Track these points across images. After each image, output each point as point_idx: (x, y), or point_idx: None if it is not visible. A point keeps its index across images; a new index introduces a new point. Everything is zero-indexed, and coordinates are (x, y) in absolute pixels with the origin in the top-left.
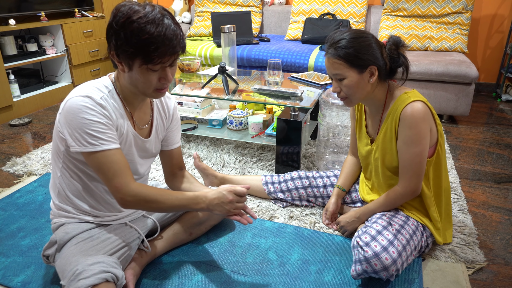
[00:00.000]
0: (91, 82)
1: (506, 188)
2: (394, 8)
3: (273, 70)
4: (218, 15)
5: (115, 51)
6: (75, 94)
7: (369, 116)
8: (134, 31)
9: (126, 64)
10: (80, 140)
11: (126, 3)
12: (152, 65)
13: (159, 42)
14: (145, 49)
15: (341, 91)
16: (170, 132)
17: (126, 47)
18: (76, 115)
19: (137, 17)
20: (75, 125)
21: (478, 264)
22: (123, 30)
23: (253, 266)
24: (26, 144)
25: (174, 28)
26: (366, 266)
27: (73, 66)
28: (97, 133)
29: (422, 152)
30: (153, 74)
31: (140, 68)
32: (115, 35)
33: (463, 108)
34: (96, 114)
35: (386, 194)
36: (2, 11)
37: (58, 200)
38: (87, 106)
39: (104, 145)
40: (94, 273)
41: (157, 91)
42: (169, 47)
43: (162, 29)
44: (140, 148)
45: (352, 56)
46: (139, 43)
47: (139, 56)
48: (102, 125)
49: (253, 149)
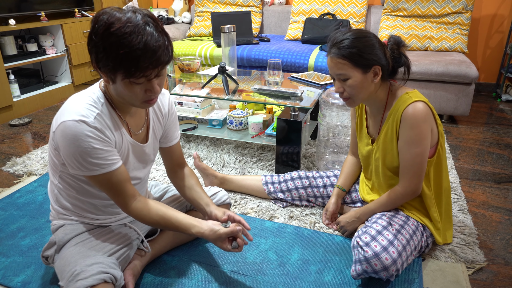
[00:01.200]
0: (82, 96)
1: (506, 188)
2: (394, 8)
3: (273, 70)
4: (218, 15)
5: (96, 63)
6: (68, 117)
7: (370, 116)
8: (113, 44)
9: (109, 77)
10: (79, 166)
11: (107, 9)
12: (134, 79)
13: (140, 55)
14: (125, 64)
15: (344, 91)
16: (168, 128)
17: (106, 61)
18: (72, 142)
19: (116, 28)
20: (73, 151)
21: (478, 264)
22: (102, 42)
23: (253, 266)
24: (26, 144)
25: (157, 37)
26: (366, 266)
27: (73, 66)
28: (96, 159)
29: (423, 152)
30: (138, 87)
31: (123, 81)
32: (95, 47)
33: (463, 108)
34: (93, 140)
35: (386, 194)
36: (2, 11)
37: (57, 205)
38: (83, 133)
39: (105, 168)
40: (92, 273)
41: (145, 102)
42: (152, 59)
43: (143, 39)
44: (139, 154)
45: (356, 56)
46: (118, 58)
47: (120, 70)
48: (100, 150)
49: (253, 149)
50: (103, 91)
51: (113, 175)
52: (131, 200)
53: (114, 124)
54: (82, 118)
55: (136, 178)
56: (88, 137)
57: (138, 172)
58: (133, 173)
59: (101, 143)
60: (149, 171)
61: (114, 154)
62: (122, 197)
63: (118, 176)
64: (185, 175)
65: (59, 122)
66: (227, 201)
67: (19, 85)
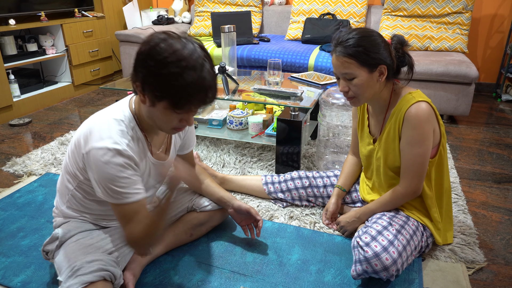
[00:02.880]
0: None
1: (506, 188)
2: (394, 8)
3: (273, 70)
4: (218, 15)
5: (141, 84)
6: (101, 144)
7: (372, 115)
8: (171, 75)
9: (150, 100)
10: (105, 191)
11: (163, 36)
12: (180, 110)
13: (195, 91)
14: (178, 95)
15: (349, 90)
16: (187, 138)
17: (157, 87)
18: (102, 169)
19: (177, 59)
20: (102, 177)
21: (478, 264)
22: (158, 69)
23: (253, 266)
24: (26, 144)
25: (212, 76)
26: (366, 266)
27: (73, 66)
28: (122, 189)
29: (425, 152)
30: (176, 116)
31: (165, 108)
32: (146, 70)
33: (463, 108)
34: (124, 169)
35: (387, 194)
36: (2, 11)
37: (65, 206)
38: (113, 162)
39: (127, 198)
40: (92, 270)
41: (174, 129)
42: (204, 97)
43: (201, 76)
44: (159, 171)
45: (363, 55)
46: (174, 89)
47: (168, 99)
48: (128, 179)
49: (253, 149)
50: (133, 112)
51: (135, 207)
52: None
53: (141, 148)
54: (115, 146)
55: (153, 187)
56: (119, 166)
57: (155, 183)
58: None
59: (129, 172)
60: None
61: (139, 183)
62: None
63: (139, 209)
64: (198, 174)
65: (91, 145)
66: None
67: (19, 85)
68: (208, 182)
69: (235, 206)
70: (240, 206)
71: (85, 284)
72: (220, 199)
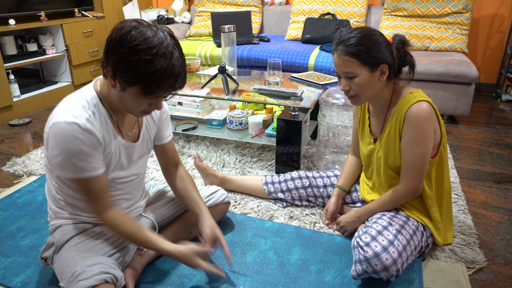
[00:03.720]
0: (76, 97)
1: (506, 188)
2: (394, 8)
3: (273, 70)
4: (218, 15)
5: (112, 70)
6: (61, 118)
7: (373, 115)
8: (141, 62)
9: (121, 85)
10: (63, 166)
11: (134, 23)
12: (150, 96)
13: (165, 77)
14: (149, 81)
15: (350, 89)
16: (161, 126)
17: (128, 73)
18: (60, 142)
19: (148, 47)
20: (60, 152)
21: (478, 264)
22: (129, 56)
23: (253, 266)
24: (26, 144)
25: (181, 63)
26: (366, 266)
27: (73, 66)
28: (80, 162)
29: (425, 152)
30: (146, 101)
31: (135, 93)
32: (118, 56)
33: (463, 108)
34: (81, 143)
35: (387, 194)
36: (2, 11)
37: (54, 205)
38: (72, 135)
39: (86, 173)
40: (93, 274)
41: (143, 113)
42: (173, 83)
43: (170, 63)
44: (131, 153)
45: (365, 54)
46: (144, 75)
47: (139, 85)
48: (86, 154)
49: (253, 149)
50: (97, 92)
51: (93, 182)
52: (106, 208)
53: (105, 125)
54: (74, 119)
55: (133, 175)
56: (77, 139)
57: (133, 169)
58: (128, 171)
59: (89, 147)
60: (145, 165)
61: (99, 160)
62: (100, 203)
63: (98, 183)
64: (180, 177)
65: (51, 123)
66: (226, 200)
67: (19, 85)
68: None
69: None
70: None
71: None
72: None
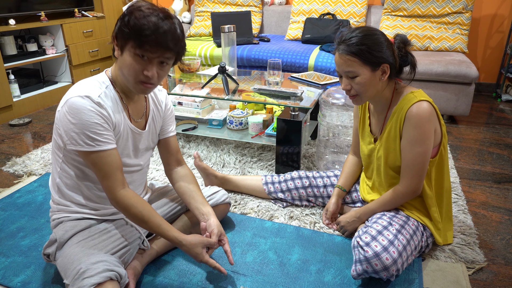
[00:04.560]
0: (89, 79)
1: (506, 188)
2: (394, 8)
3: (273, 70)
4: (218, 15)
5: (115, 35)
6: (74, 94)
7: (373, 114)
8: (136, 16)
9: (120, 46)
10: (76, 139)
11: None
12: (140, 51)
13: (155, 31)
14: (139, 32)
15: (351, 88)
16: (166, 120)
17: (125, 27)
18: (74, 115)
19: (146, 8)
20: (73, 125)
21: (478, 264)
22: (129, 15)
23: (253, 266)
24: (26, 144)
25: (175, 27)
26: (366, 266)
27: (73, 66)
28: (94, 134)
29: (425, 152)
30: (139, 63)
31: (130, 51)
32: (121, 19)
33: (463, 108)
34: (94, 115)
35: (387, 193)
36: (2, 11)
37: (58, 196)
38: (85, 107)
39: (99, 146)
40: (98, 271)
41: (140, 83)
42: (163, 39)
43: (162, 22)
44: (137, 140)
45: (366, 53)
46: (136, 26)
47: (132, 38)
48: (100, 126)
49: (253, 149)
50: (109, 77)
51: (107, 155)
52: (120, 186)
53: (116, 105)
54: (87, 93)
55: (137, 165)
56: (89, 111)
57: (139, 159)
58: (133, 159)
59: (100, 119)
60: (149, 159)
61: (111, 135)
62: (112, 180)
63: (111, 158)
64: (182, 175)
65: (65, 100)
66: (227, 200)
67: (19, 85)
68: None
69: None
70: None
71: (94, 286)
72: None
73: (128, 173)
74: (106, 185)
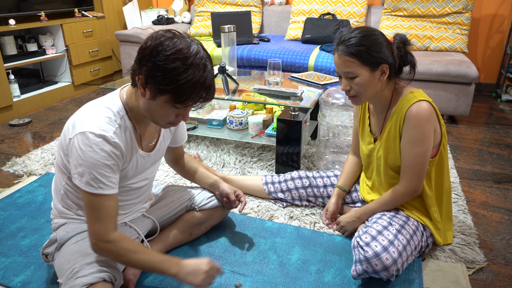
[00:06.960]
0: (102, 106)
1: (506, 188)
2: (394, 8)
3: (273, 70)
4: (218, 15)
5: (144, 78)
6: (88, 128)
7: (373, 114)
8: (175, 71)
9: (152, 94)
10: (81, 175)
11: (169, 34)
12: (180, 105)
13: (197, 88)
14: (181, 91)
15: (351, 89)
16: (178, 133)
17: (162, 81)
18: (85, 152)
19: (184, 56)
20: (82, 161)
21: (478, 264)
22: (165, 63)
23: (253, 266)
24: (26, 144)
25: (213, 76)
26: (366, 266)
27: (73, 66)
28: (100, 176)
29: (425, 152)
30: (173, 110)
31: (165, 100)
32: (152, 64)
33: (463, 108)
34: (107, 156)
35: (387, 193)
36: (2, 11)
37: (61, 204)
38: (99, 146)
39: (102, 189)
40: (92, 271)
41: (169, 124)
42: (204, 94)
43: (204, 74)
44: (146, 162)
45: (365, 54)
46: (177, 84)
47: (170, 93)
48: (109, 168)
49: (253, 149)
50: (123, 102)
51: (105, 199)
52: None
53: (130, 139)
54: (102, 132)
55: (144, 179)
56: (103, 151)
57: (145, 174)
58: (139, 176)
59: (112, 161)
60: (155, 170)
61: (116, 178)
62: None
63: (109, 202)
64: (186, 162)
65: (78, 131)
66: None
67: (19, 85)
68: (200, 170)
69: (220, 190)
70: (223, 190)
71: (86, 286)
72: (212, 184)
73: (135, 189)
74: (96, 227)
